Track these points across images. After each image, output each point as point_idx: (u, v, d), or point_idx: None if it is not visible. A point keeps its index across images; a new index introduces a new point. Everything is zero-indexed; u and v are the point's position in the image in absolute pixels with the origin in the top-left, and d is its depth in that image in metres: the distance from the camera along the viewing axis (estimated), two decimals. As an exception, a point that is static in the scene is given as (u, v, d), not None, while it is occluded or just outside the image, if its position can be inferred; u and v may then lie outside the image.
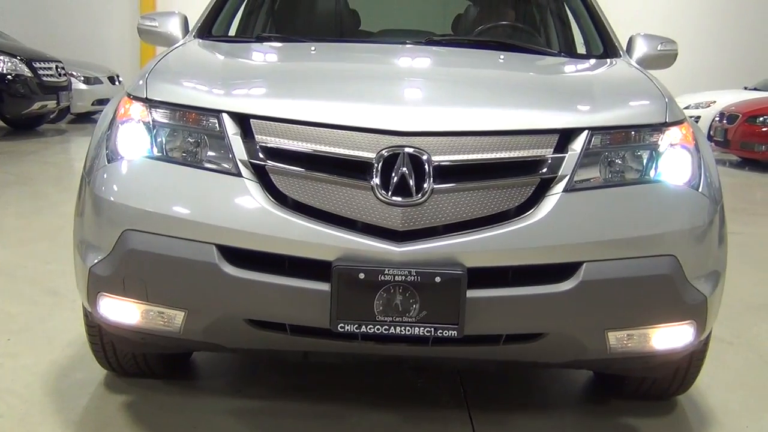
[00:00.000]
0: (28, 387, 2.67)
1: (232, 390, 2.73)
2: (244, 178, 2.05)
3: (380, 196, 1.99)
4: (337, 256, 1.97)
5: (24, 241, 4.82)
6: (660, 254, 2.08)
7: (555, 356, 2.18)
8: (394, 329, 1.98)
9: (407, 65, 2.82)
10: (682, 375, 2.57)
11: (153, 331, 2.17)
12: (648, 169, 2.19)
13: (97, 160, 2.26)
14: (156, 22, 3.19)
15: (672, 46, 3.22)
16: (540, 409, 2.69)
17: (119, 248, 2.09)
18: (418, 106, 2.19)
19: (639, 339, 2.14)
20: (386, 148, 2.01)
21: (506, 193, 2.03)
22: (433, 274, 1.95)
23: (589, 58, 3.19)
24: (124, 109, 2.28)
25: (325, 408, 2.59)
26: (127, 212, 2.10)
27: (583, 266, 2.01)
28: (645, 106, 2.35)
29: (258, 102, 2.21)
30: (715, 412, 2.71)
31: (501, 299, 1.99)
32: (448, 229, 2.00)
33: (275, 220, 2.00)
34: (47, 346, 3.04)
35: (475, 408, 2.62)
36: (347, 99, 2.21)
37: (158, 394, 2.65)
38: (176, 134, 2.18)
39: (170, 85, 2.31)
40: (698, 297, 2.14)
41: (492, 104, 2.26)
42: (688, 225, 2.15)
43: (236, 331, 2.10)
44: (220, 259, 2.01)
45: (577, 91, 2.55)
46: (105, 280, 2.14)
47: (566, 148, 2.10)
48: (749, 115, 10.61)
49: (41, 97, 10.67)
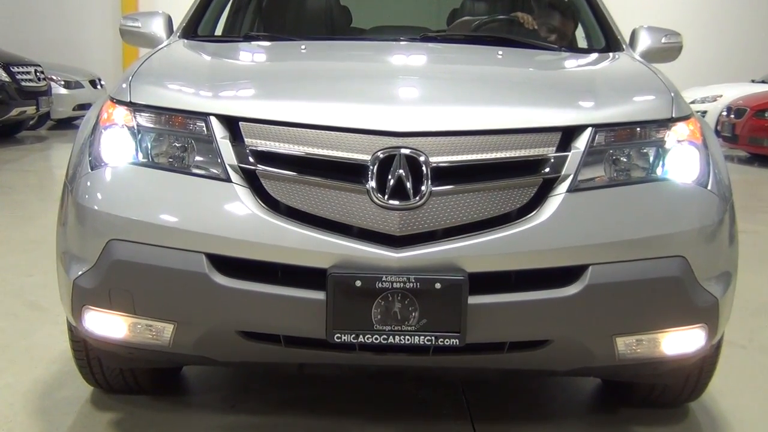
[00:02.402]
0: (10, 407, 2.66)
1: (224, 405, 2.72)
2: (234, 183, 2.05)
3: (376, 200, 1.99)
4: (333, 264, 1.96)
5: (3, 253, 4.81)
6: (669, 255, 2.08)
7: (561, 364, 2.18)
8: (393, 339, 1.98)
9: (402, 63, 2.82)
10: (693, 381, 2.57)
11: (141, 345, 2.17)
12: (654, 167, 2.19)
13: (80, 167, 2.26)
14: (139, 22, 3.20)
15: (676, 38, 3.23)
16: (546, 420, 2.69)
17: (104, 259, 2.09)
18: (414, 105, 2.19)
19: (648, 344, 2.14)
20: (382, 149, 2.01)
21: (507, 194, 2.03)
22: (432, 280, 1.95)
23: (590, 52, 3.20)
24: (108, 113, 2.28)
25: (323, 422, 2.59)
26: (112, 221, 2.09)
27: (588, 269, 2.01)
28: (650, 101, 2.36)
29: (247, 104, 2.21)
30: (728, 419, 2.71)
31: (504, 305, 1.99)
32: (448, 233, 2.00)
33: (267, 226, 2.00)
34: (29, 363, 3.03)
35: (478, 420, 2.62)
36: (340, 99, 2.21)
37: (148, 411, 2.64)
38: (162, 139, 2.18)
39: (155, 87, 2.32)
40: (709, 299, 2.14)
41: (491, 102, 2.26)
42: (698, 224, 2.15)
43: (228, 343, 2.10)
44: (210, 268, 2.00)
45: (579, 87, 2.56)
46: (90, 292, 2.13)
47: (569, 147, 2.10)
48: (758, 108, 10.64)
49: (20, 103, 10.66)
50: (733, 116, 11.00)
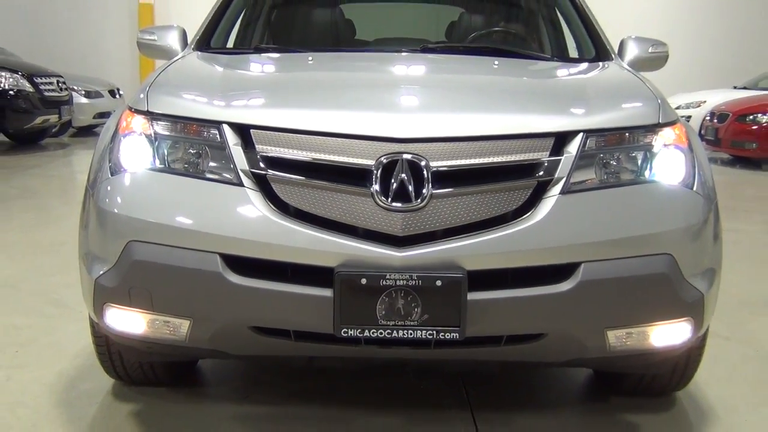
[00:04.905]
0: (36, 398, 2.67)
1: (237, 396, 2.72)
2: (246, 187, 2.05)
3: (380, 203, 1.99)
4: (339, 263, 1.96)
5: (28, 254, 4.81)
6: (657, 253, 2.08)
7: (556, 356, 2.18)
8: (397, 333, 1.98)
9: (403, 73, 2.82)
10: (680, 371, 2.57)
11: (159, 340, 2.17)
12: (643, 170, 2.19)
13: (101, 172, 2.26)
14: (155, 36, 3.20)
15: (663, 48, 3.22)
16: (542, 408, 2.69)
17: (124, 259, 2.09)
18: (416, 113, 2.18)
19: (638, 337, 2.14)
20: (385, 155, 2.01)
21: (504, 196, 2.03)
22: (433, 277, 1.95)
23: (581, 61, 3.19)
24: (126, 122, 2.28)
25: (330, 412, 2.59)
26: (131, 224, 2.10)
27: (581, 266, 2.01)
28: (638, 107, 2.35)
29: (258, 112, 2.21)
30: (713, 407, 2.71)
31: (501, 301, 1.99)
32: (448, 234, 2.00)
33: (277, 228, 2.00)
34: (54, 357, 3.03)
35: (478, 408, 2.62)
36: (346, 107, 2.20)
37: (165, 401, 2.65)
38: (178, 146, 2.18)
39: (171, 97, 2.32)
40: (695, 294, 2.14)
41: (488, 109, 2.26)
42: (684, 224, 2.15)
43: (241, 338, 2.10)
44: (224, 267, 2.01)
45: (571, 95, 2.55)
46: (111, 291, 2.13)
47: (562, 151, 2.10)
48: (739, 113, 10.64)
49: (43, 112, 10.66)
50: (716, 121, 10.99)
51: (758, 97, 11.28)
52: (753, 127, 10.41)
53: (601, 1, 6.77)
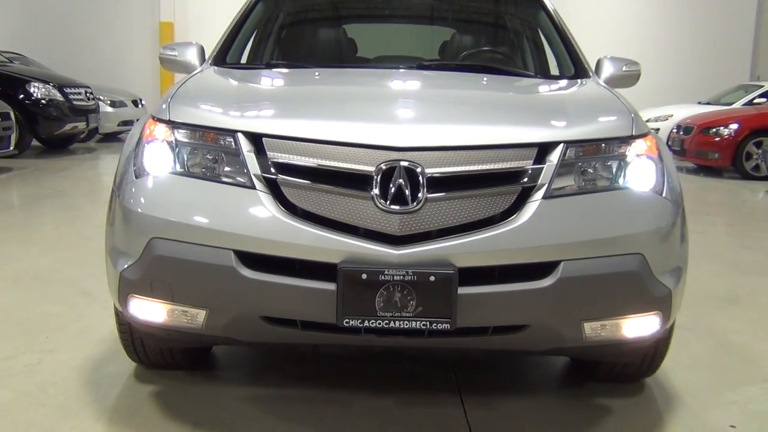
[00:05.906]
0: (65, 379, 2.66)
1: (249, 379, 2.72)
2: (258, 190, 2.05)
3: (379, 205, 1.99)
4: (342, 259, 1.96)
5: (59, 248, 4.80)
6: (629, 253, 2.08)
7: (537, 345, 2.18)
8: (394, 323, 1.98)
9: (401, 87, 2.82)
10: (649, 359, 2.57)
11: (178, 327, 2.17)
12: (617, 177, 2.19)
13: (126, 175, 2.26)
14: (176, 51, 3.19)
15: (635, 67, 3.22)
16: (524, 392, 2.69)
17: (147, 254, 2.09)
18: (412, 125, 2.18)
19: (611, 328, 2.14)
20: (384, 162, 2.01)
21: (492, 200, 2.03)
22: (427, 273, 1.95)
23: (561, 78, 3.20)
24: (150, 130, 2.28)
25: (333, 394, 2.59)
26: (154, 222, 2.09)
27: (560, 265, 2.01)
28: (613, 121, 2.36)
29: (269, 122, 2.20)
30: (679, 392, 2.71)
31: (488, 295, 1.99)
32: (441, 234, 2.00)
33: (286, 227, 2.00)
34: (81, 342, 3.03)
35: (466, 392, 2.62)
36: (349, 119, 2.20)
37: (183, 383, 2.64)
38: (196, 152, 2.18)
39: (190, 108, 2.31)
40: (663, 290, 2.15)
41: (478, 121, 2.26)
42: (654, 226, 2.15)
43: (253, 327, 2.10)
44: (237, 263, 2.00)
45: (552, 109, 2.55)
46: (134, 283, 2.13)
47: (544, 160, 2.10)
48: (703, 126, 10.66)
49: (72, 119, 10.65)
50: (682, 133, 11.01)
51: (720, 112, 11.30)
52: (715, 139, 10.43)
53: (579, 23, 6.78)
